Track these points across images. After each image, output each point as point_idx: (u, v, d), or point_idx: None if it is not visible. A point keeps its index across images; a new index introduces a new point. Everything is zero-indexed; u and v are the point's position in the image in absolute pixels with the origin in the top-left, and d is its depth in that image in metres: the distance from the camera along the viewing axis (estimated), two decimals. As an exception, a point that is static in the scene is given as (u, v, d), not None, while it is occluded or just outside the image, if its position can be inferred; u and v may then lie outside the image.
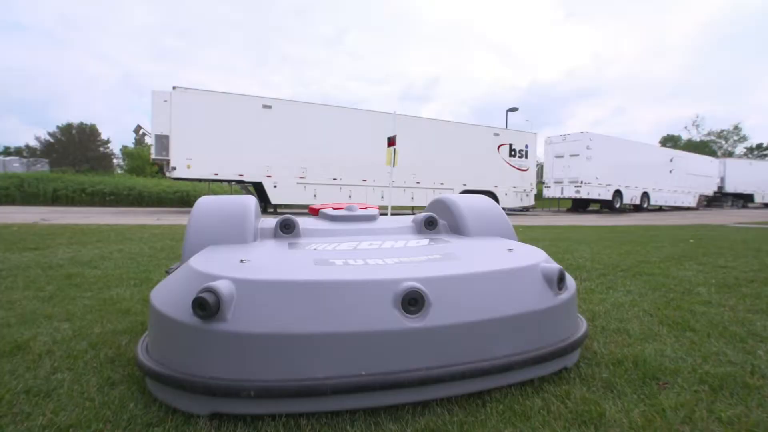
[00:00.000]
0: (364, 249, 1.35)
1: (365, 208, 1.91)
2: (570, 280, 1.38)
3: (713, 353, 1.50)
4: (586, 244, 5.30)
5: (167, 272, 1.50)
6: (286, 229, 1.50)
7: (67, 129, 39.07)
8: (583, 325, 1.41)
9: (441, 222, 1.75)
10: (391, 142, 7.26)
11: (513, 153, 18.37)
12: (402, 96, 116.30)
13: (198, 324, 1.05)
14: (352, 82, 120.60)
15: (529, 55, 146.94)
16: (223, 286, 1.05)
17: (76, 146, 38.30)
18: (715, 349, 1.54)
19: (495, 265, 1.24)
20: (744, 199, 30.49)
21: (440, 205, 1.86)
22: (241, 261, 1.19)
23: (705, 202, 27.60)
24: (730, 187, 29.24)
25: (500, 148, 18.04)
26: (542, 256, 1.37)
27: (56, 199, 17.32)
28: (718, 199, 29.31)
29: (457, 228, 1.71)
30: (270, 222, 1.62)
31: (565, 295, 1.29)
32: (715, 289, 2.57)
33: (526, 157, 18.83)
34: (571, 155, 20.56)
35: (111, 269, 2.99)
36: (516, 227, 8.13)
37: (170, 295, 1.18)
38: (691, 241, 5.59)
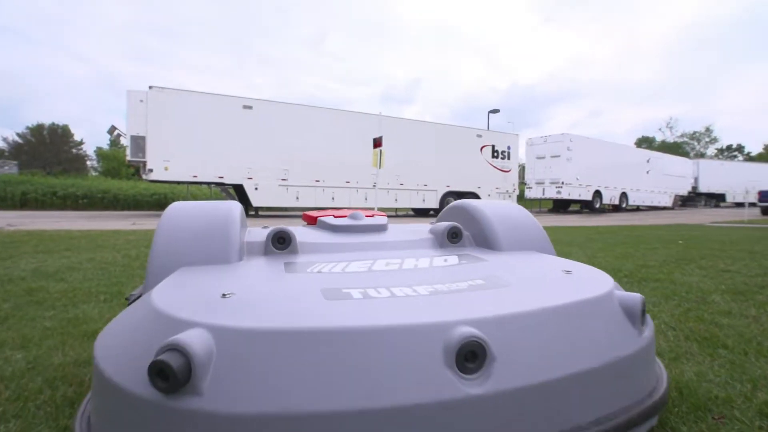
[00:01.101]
0: (382, 271, 1.05)
1: (372, 216, 1.59)
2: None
3: (761, 377, 1.36)
4: (577, 246, 5.22)
5: (128, 300, 1.17)
6: (281, 243, 1.20)
7: (37, 130, 37.66)
8: (662, 370, 1.13)
9: (465, 233, 1.45)
10: (377, 143, 7.09)
11: (495, 154, 18.43)
12: (384, 97, 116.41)
13: (158, 399, 0.69)
14: (334, 84, 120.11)
15: (509, 57, 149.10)
16: (195, 341, 0.69)
17: (47, 148, 36.95)
18: (760, 372, 1.40)
19: (563, 296, 0.92)
20: (716, 199, 31.42)
21: (461, 213, 1.54)
22: (224, 295, 0.86)
23: (680, 202, 28.30)
24: (703, 187, 30.08)
25: (483, 149, 18.07)
26: (610, 281, 1.08)
27: (25, 202, 16.57)
28: (692, 198, 30.12)
29: (485, 240, 1.40)
30: (259, 233, 1.31)
31: (647, 332, 1.01)
32: (730, 296, 2.46)
33: (509, 159, 18.92)
34: (552, 156, 20.80)
35: (79, 282, 2.70)
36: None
37: (120, 348, 0.82)
38: (681, 242, 5.57)
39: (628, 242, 5.70)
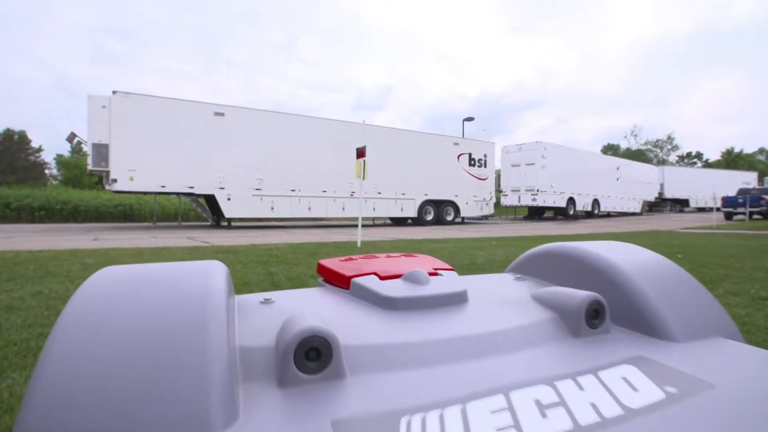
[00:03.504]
0: None
1: (436, 273, 0.90)
2: None
3: None
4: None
5: None
6: (314, 359, 0.56)
7: (-11, 136, 35.53)
8: None
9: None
10: (361, 153, 6.77)
11: (472, 162, 18.43)
12: (355, 104, 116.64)
13: None
14: (305, 90, 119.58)
15: (478, 66, 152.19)
16: None
17: (0, 155, 34.84)
18: None
19: None
20: (681, 204, 32.58)
21: (571, 266, 0.93)
22: None
23: (647, 208, 29.18)
24: (668, 193, 31.13)
25: (460, 157, 18.04)
26: None
27: (-27, 215, 15.38)
28: (659, 204, 31.13)
29: (639, 320, 0.81)
30: (260, 316, 0.69)
31: None
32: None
33: (485, 166, 18.96)
34: (527, 164, 21.05)
35: (15, 331, 2.19)
36: (487, 239, 7.49)
37: None
38: (680, 256, 5.44)
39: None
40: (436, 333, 0.70)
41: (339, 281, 0.94)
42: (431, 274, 0.89)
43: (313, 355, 0.55)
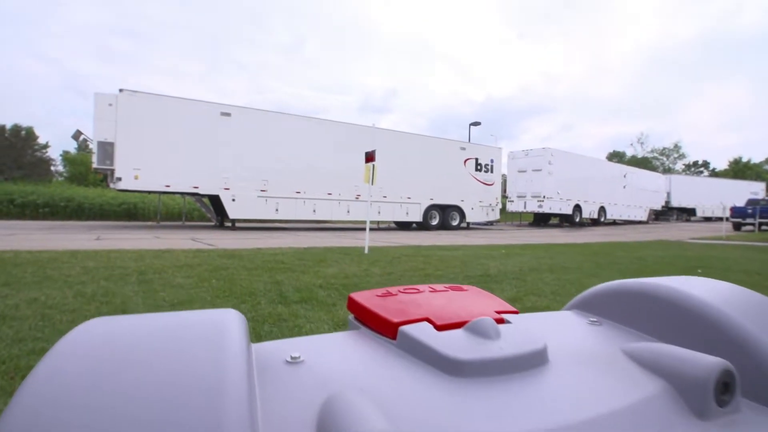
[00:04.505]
0: None
1: (502, 320, 0.67)
2: None
3: None
4: (596, 278, 4.81)
5: None
6: None
7: (-4, 131, 35.64)
8: None
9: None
10: (370, 157, 6.63)
11: (479, 167, 18.29)
12: (361, 107, 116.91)
13: None
14: (310, 91, 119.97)
15: (484, 71, 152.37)
16: None
17: (5, 151, 34.94)
18: None
19: None
20: (687, 213, 32.30)
21: (678, 317, 0.69)
22: None
23: (653, 216, 28.92)
24: (675, 202, 30.87)
25: (466, 162, 17.90)
26: None
27: (-23, 211, 15.33)
28: (665, 213, 30.88)
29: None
30: (287, 394, 0.47)
31: None
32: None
33: (492, 172, 18.81)
34: (534, 170, 20.89)
35: (5, 346, 2.00)
36: (495, 247, 7.30)
37: None
38: (699, 271, 5.27)
39: (644, 269, 5.36)
40: (526, 419, 0.50)
41: (381, 327, 0.70)
42: (498, 320, 0.67)
43: None
